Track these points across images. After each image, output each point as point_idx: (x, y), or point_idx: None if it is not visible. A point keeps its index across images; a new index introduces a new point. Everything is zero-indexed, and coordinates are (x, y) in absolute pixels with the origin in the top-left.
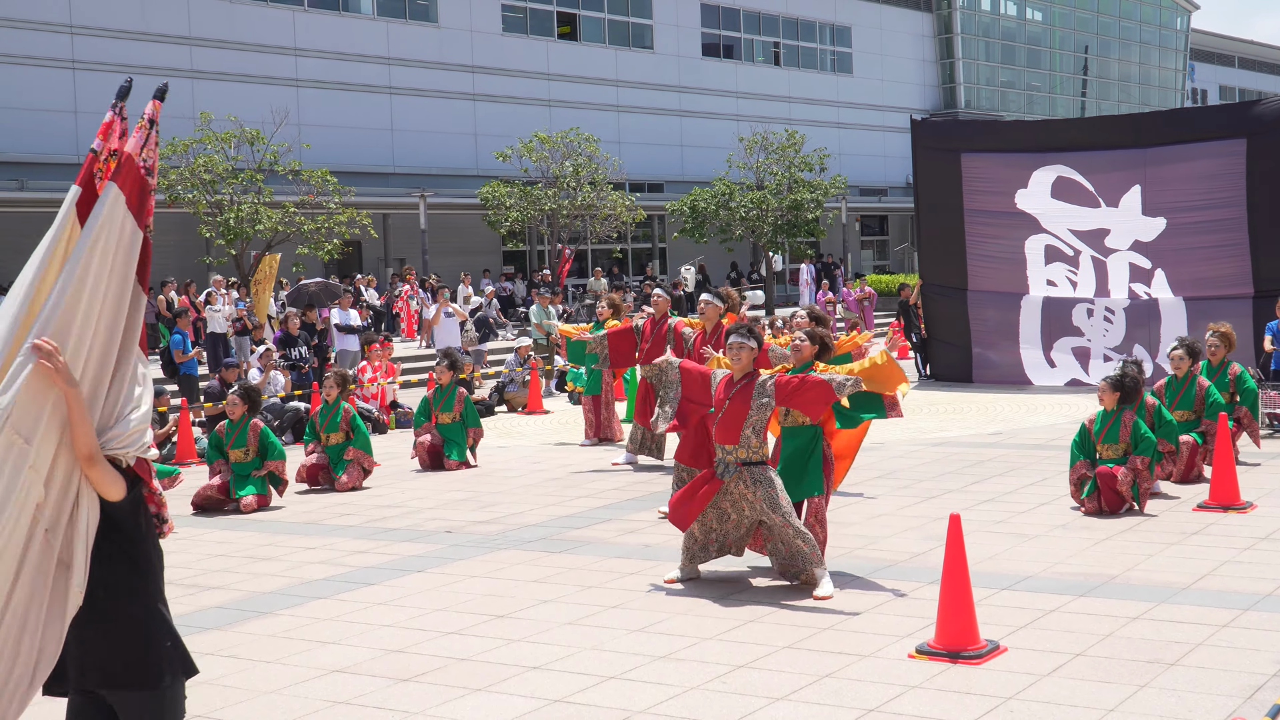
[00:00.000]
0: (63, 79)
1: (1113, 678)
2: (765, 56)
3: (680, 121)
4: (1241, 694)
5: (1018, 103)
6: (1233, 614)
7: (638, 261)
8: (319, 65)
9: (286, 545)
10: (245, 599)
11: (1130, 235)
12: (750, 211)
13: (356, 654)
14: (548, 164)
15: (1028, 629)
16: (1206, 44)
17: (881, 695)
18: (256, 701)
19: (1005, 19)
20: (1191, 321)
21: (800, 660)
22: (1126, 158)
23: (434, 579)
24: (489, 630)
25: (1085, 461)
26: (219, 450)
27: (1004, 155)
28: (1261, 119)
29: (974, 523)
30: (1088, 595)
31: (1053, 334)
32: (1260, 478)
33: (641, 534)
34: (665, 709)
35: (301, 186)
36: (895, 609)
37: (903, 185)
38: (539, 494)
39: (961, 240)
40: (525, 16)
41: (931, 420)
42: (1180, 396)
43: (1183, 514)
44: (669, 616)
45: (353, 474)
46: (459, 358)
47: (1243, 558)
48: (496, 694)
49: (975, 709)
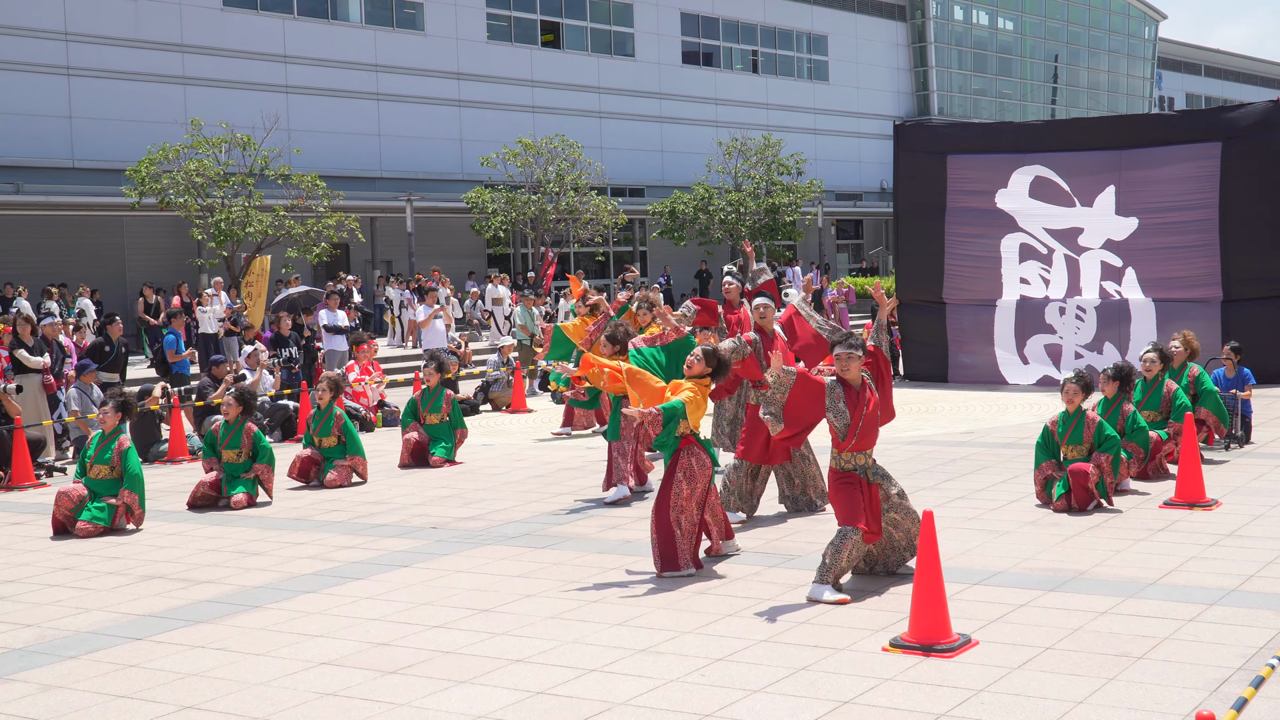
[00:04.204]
0: (57, 85)
1: (1082, 670)
2: (744, 64)
3: (661, 127)
4: (1207, 687)
5: (989, 109)
6: (1199, 609)
7: (619, 264)
8: (308, 72)
9: (276, 540)
10: (235, 593)
11: (1103, 234)
12: (729, 215)
13: (344, 647)
14: (531, 169)
15: (999, 623)
16: (1174, 53)
17: (856, 687)
18: (246, 693)
19: (977, 28)
20: (1161, 322)
21: (777, 653)
22: (1103, 159)
23: (420, 574)
24: (473, 624)
25: (1051, 462)
26: (213, 449)
27: (988, 156)
28: (1238, 124)
29: (946, 519)
30: (1057, 590)
31: (1026, 332)
32: (1225, 476)
33: (622, 530)
34: (645, 701)
35: (291, 190)
36: (870, 604)
37: (877, 190)
38: (522, 491)
39: (941, 243)
40: (510, 25)
41: (904, 420)
42: (1148, 397)
43: (1150, 511)
44: (649, 611)
45: (341, 472)
46: (445, 359)
47: (1208, 554)
48: (480, 686)
49: (948, 701)
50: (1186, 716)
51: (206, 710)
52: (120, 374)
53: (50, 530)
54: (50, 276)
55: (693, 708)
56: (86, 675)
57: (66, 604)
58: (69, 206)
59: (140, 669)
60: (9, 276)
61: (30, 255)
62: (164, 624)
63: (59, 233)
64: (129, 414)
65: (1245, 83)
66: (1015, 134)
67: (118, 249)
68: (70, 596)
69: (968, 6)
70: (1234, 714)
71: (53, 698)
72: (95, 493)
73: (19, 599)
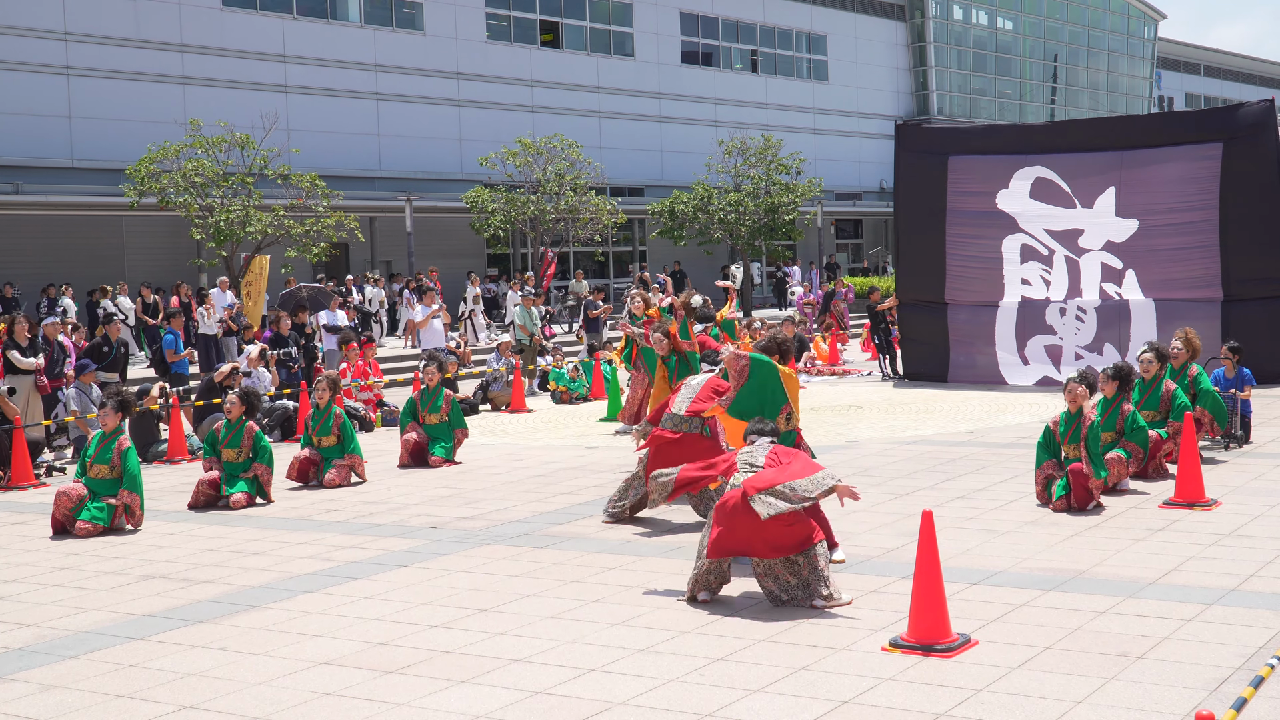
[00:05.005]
0: (57, 84)
1: (1081, 670)
2: (743, 64)
3: (660, 127)
4: (1207, 687)
5: (989, 109)
6: (1198, 608)
7: (618, 264)
8: (307, 72)
9: (275, 540)
10: (235, 593)
11: (1103, 236)
12: (729, 214)
13: (343, 647)
14: (531, 169)
15: (998, 623)
16: (1173, 52)
17: (856, 687)
18: (246, 693)
19: (977, 28)
20: (1161, 322)
21: (776, 653)
22: (1104, 160)
23: (419, 574)
24: (473, 624)
25: (1052, 461)
26: (213, 448)
27: (990, 158)
28: (1239, 124)
29: (946, 519)
30: (1057, 590)
31: (1026, 333)
32: (1224, 476)
33: (622, 530)
34: (644, 700)
35: (290, 190)
36: (869, 603)
37: (876, 190)
38: (522, 490)
39: (942, 243)
40: (509, 24)
41: (904, 419)
42: (1147, 397)
43: (1149, 511)
44: (649, 611)
45: (340, 472)
46: (444, 359)
47: (1207, 554)
48: (480, 686)
49: (947, 701)
50: (1186, 716)
51: (206, 710)
52: (120, 374)
53: (50, 530)
54: (50, 277)
55: (692, 707)
56: (86, 675)
57: (66, 604)
58: (68, 206)
59: (140, 669)
60: (8, 276)
61: (29, 255)
62: (163, 624)
63: (58, 232)
64: (128, 413)
65: (1244, 82)
66: (1016, 135)
67: (117, 249)
68: (70, 596)
69: (967, 6)
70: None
71: (52, 697)
72: (95, 492)
73: (18, 599)
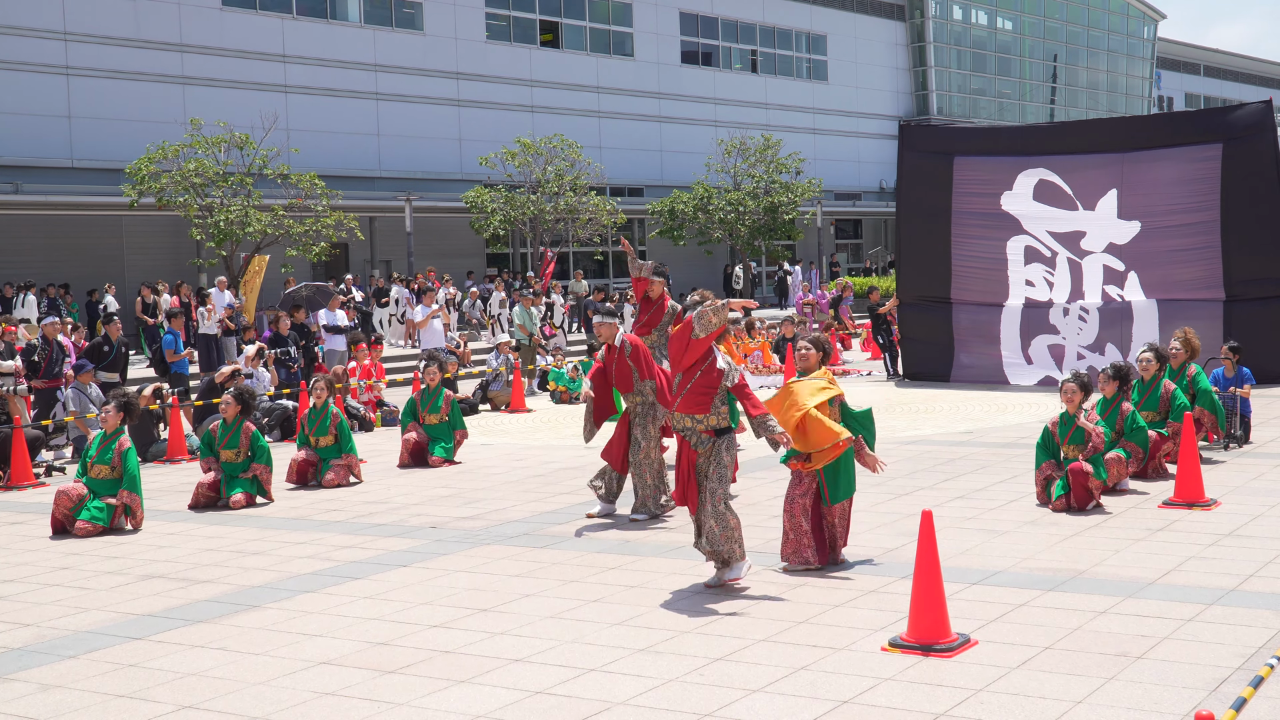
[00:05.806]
0: (57, 84)
1: (1081, 670)
2: (743, 64)
3: (660, 127)
4: (1206, 687)
5: (988, 109)
6: (1198, 608)
7: (618, 264)
8: (307, 71)
9: (275, 540)
10: (235, 592)
11: (1105, 238)
12: (729, 214)
13: (343, 646)
14: (530, 169)
15: (998, 623)
16: (1173, 52)
17: (855, 687)
18: (245, 693)
19: (976, 28)
20: (1163, 322)
21: (776, 653)
22: (1105, 161)
23: (418, 573)
24: (472, 624)
25: (1051, 462)
26: (210, 448)
27: (994, 159)
28: (1239, 125)
29: (945, 519)
30: (1056, 590)
31: (1030, 333)
32: (1223, 476)
33: (622, 530)
34: (644, 700)
35: (290, 190)
36: (869, 603)
37: (876, 190)
38: (521, 490)
39: (947, 243)
40: (509, 24)
41: (903, 419)
42: (1146, 398)
43: (1149, 511)
44: (648, 610)
45: (339, 472)
46: (444, 359)
47: (1207, 554)
48: (480, 685)
49: (947, 700)
50: (1185, 716)
51: (205, 710)
52: (120, 374)
53: (49, 530)
54: (50, 276)
55: (692, 707)
56: (85, 675)
57: (65, 603)
58: (68, 206)
59: (139, 668)
60: (8, 276)
61: (29, 255)
62: (163, 624)
63: (58, 232)
64: (131, 414)
65: (1244, 82)
66: (1018, 136)
67: (117, 249)
68: (69, 596)
69: (967, 6)
70: (1233, 714)
71: (52, 697)
72: (95, 492)
73: (18, 598)
